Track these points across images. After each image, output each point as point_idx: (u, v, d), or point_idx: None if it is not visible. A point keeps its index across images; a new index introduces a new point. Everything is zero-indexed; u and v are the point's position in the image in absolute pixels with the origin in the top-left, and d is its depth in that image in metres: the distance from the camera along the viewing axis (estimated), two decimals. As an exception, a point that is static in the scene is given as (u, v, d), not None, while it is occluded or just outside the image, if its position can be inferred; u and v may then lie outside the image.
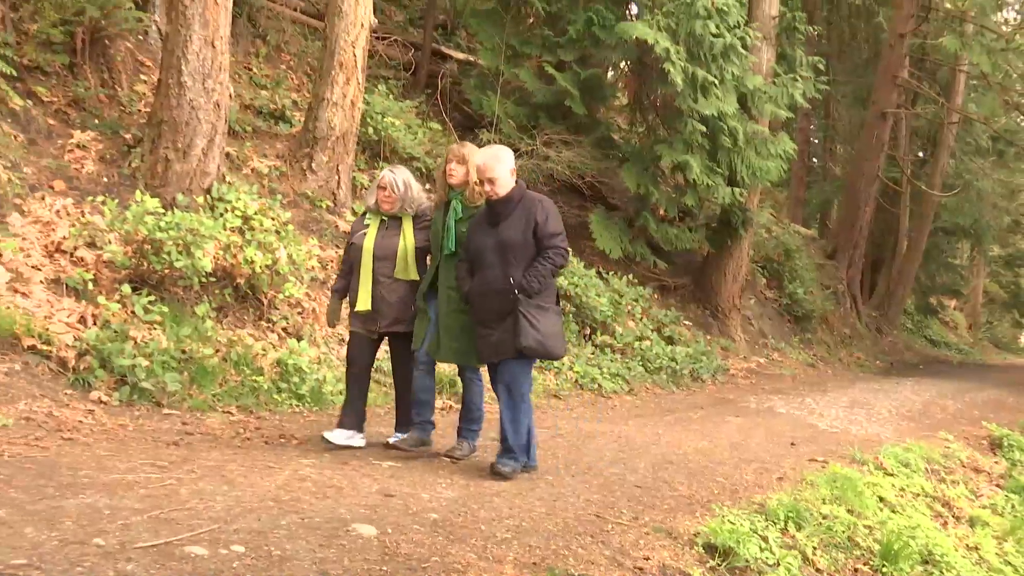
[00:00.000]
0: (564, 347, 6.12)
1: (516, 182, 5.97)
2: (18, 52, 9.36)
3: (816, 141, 32.89)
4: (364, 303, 6.34)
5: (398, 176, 6.44)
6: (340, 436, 6.28)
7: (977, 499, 8.94)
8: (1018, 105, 26.67)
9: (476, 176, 5.97)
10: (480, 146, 6.58)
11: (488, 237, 5.83)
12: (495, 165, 5.82)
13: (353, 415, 6.45)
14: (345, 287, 6.60)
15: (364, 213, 6.68)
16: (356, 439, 6.40)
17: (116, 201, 8.22)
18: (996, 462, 10.78)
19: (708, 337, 15.63)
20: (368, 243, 6.37)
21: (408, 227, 6.41)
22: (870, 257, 26.93)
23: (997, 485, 9.73)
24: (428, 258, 6.43)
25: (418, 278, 6.36)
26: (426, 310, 6.27)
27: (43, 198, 8.31)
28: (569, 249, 6.01)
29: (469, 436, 6.36)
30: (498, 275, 5.72)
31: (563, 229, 5.96)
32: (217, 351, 7.67)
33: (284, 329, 8.70)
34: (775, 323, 19.45)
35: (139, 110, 10.17)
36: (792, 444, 9.03)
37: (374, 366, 6.95)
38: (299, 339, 8.60)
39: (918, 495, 8.10)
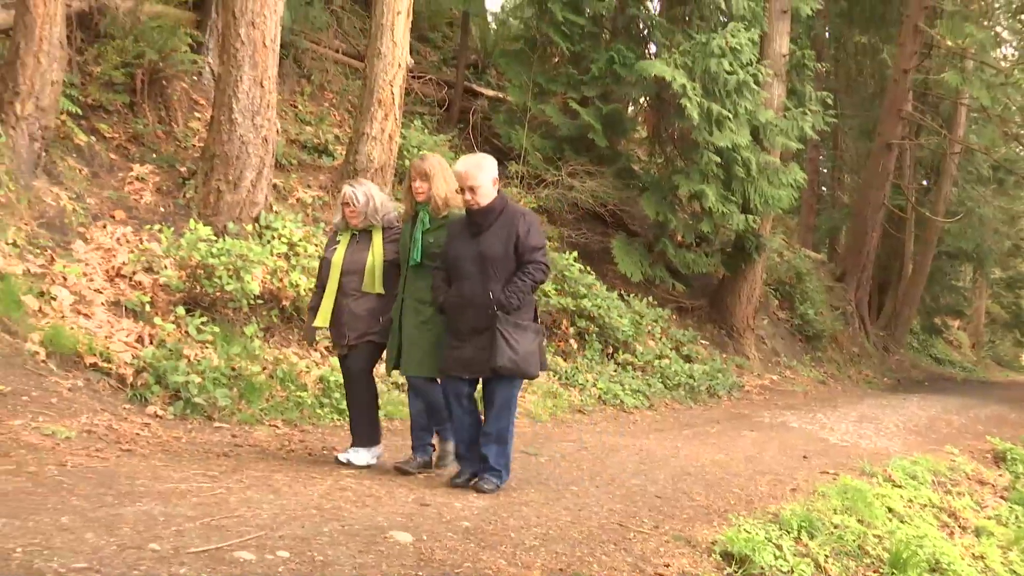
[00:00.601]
0: (539, 366, 5.49)
1: (499, 193, 5.50)
2: (83, 92, 9.52)
3: (825, 171, 32.75)
4: (322, 319, 5.96)
5: (358, 190, 6.00)
6: (360, 457, 5.98)
7: (982, 510, 8.81)
8: (1017, 136, 26.49)
9: (458, 184, 5.49)
10: (508, 177, 6.44)
11: (468, 248, 5.36)
12: (476, 173, 5.35)
13: (364, 430, 6.14)
14: (319, 305, 6.09)
15: (336, 232, 6.23)
16: (374, 452, 6.12)
17: (172, 229, 8.32)
18: (1000, 475, 10.62)
19: (724, 355, 15.54)
20: (337, 258, 5.98)
21: (378, 240, 5.97)
22: (877, 280, 26.70)
23: (1001, 497, 9.59)
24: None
25: (384, 291, 5.90)
26: (398, 324, 5.79)
27: (105, 227, 8.43)
28: (550, 264, 5.54)
29: (420, 449, 5.97)
30: (477, 288, 5.27)
31: (545, 243, 5.54)
32: (264, 368, 7.71)
33: (326, 348, 8.73)
34: (787, 342, 19.31)
35: (193, 145, 10.29)
36: (804, 457, 8.95)
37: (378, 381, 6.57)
38: (341, 357, 8.63)
39: (925, 506, 8.00)
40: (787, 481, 7.44)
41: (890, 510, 7.27)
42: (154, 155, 9.76)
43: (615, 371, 12.16)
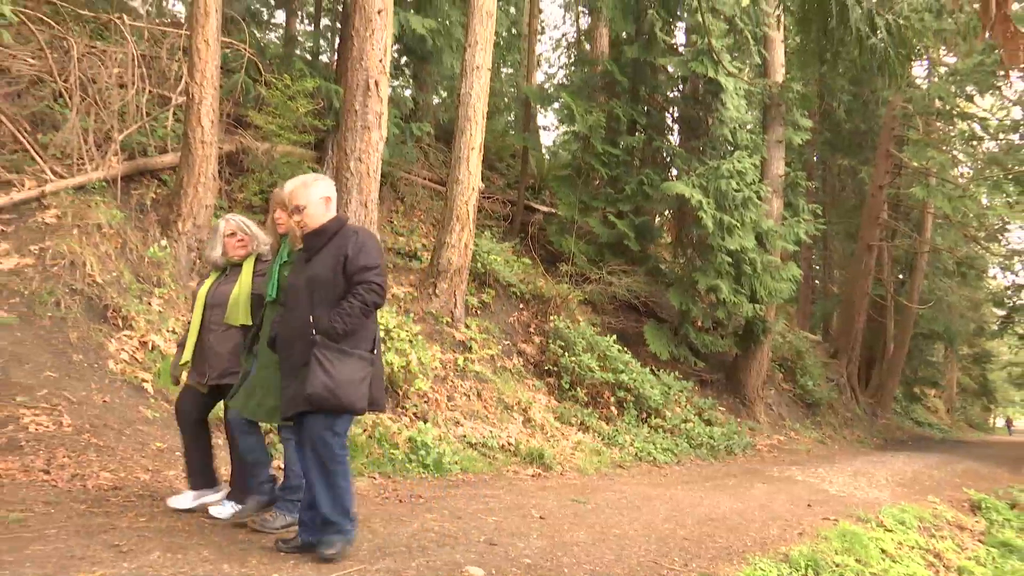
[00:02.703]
0: (366, 399, 3.90)
1: (336, 215, 4.17)
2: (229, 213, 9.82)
3: (817, 267, 32.50)
4: (185, 355, 4.71)
5: (238, 218, 4.85)
6: (185, 500, 4.67)
7: (963, 552, 8.31)
8: (975, 238, 26.25)
9: (288, 206, 4.18)
10: (559, 275, 5.84)
11: (300, 275, 4.06)
12: (302, 192, 4.07)
13: (196, 474, 4.78)
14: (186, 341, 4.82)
15: (211, 270, 4.99)
16: (209, 496, 4.76)
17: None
18: (977, 521, 10.06)
19: (738, 420, 15.16)
20: (203, 291, 4.77)
21: (248, 270, 4.71)
22: (864, 356, 26.20)
23: (979, 540, 9.06)
24: None
25: (249, 324, 4.58)
26: (248, 363, 4.47)
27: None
28: (385, 286, 3.98)
29: (284, 507, 4.44)
30: (302, 316, 3.92)
31: (379, 263, 3.98)
32: (365, 430, 7.70)
33: (414, 414, 8.71)
34: (791, 409, 18.79)
35: (312, 253, 10.50)
36: (809, 505, 8.58)
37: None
38: (425, 421, 8.59)
39: (913, 548, 7.58)
40: (795, 526, 7.13)
41: (883, 551, 6.90)
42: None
43: (648, 433, 11.92)
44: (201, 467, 4.77)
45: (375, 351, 4.03)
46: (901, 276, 29.21)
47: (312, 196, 4.07)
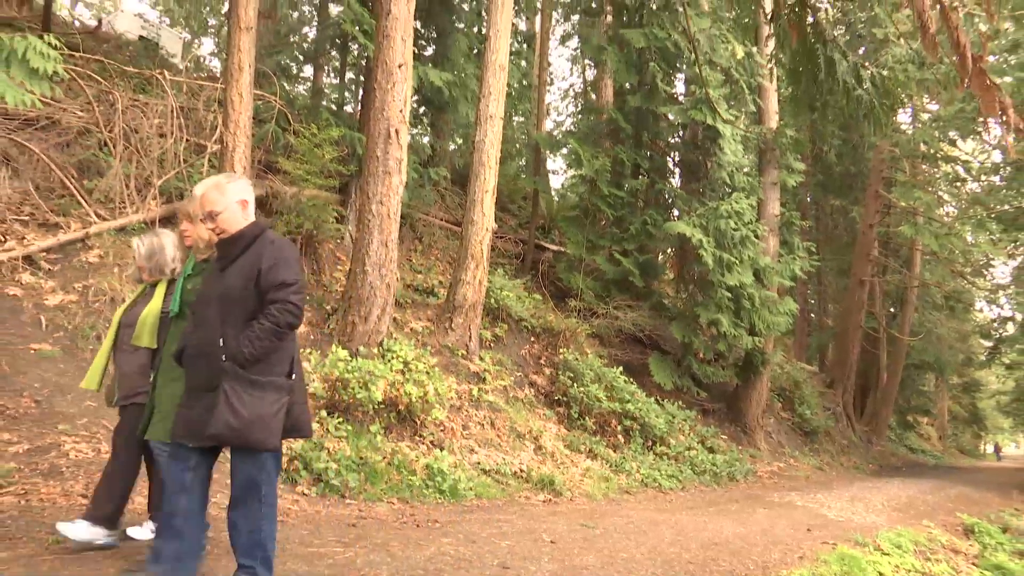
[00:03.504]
0: (278, 436, 3.26)
1: (255, 220, 3.54)
2: (258, 253, 9.87)
3: (813, 301, 32.30)
4: (89, 380, 4.27)
5: (143, 242, 4.33)
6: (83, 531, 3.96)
7: (958, 575, 8.13)
8: (961, 273, 26.11)
9: (199, 212, 3.60)
10: (568, 310, 5.79)
11: (213, 287, 3.41)
12: (216, 196, 3.45)
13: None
14: None
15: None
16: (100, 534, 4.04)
17: (319, 352, 8.45)
18: (971, 545, 9.82)
19: (739, 447, 14.96)
20: (119, 311, 4.37)
21: (160, 290, 4.25)
22: (859, 386, 25.91)
23: (973, 563, 8.83)
24: None
25: (157, 346, 4.11)
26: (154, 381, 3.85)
27: (270, 350, 8.58)
28: (303, 304, 3.34)
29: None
30: (210, 335, 3.29)
31: (297, 280, 3.33)
32: (384, 458, 7.65)
33: (431, 442, 8.65)
34: (790, 436, 18.54)
35: (336, 290, 10.55)
36: (808, 530, 8.43)
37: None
38: (441, 449, 8.53)
39: (910, 571, 7.41)
40: (795, 550, 7.00)
41: (880, 574, 6.76)
42: (308, 297, 10.02)
43: (654, 460, 11.77)
44: (110, 499, 4.09)
45: (293, 375, 3.38)
46: (892, 309, 29.04)
47: (228, 200, 3.46)
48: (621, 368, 12.74)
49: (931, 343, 27.24)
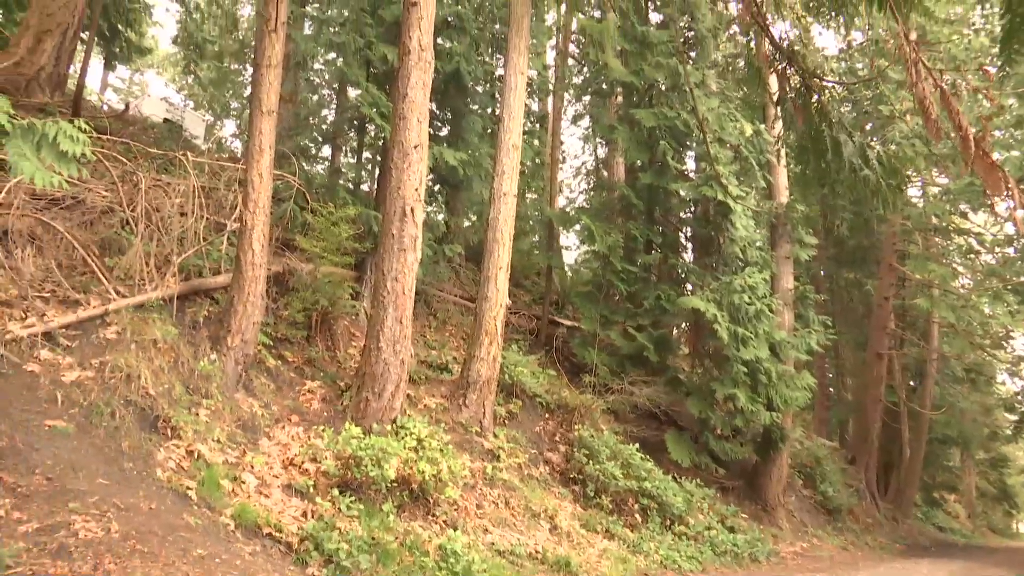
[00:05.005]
0: None
1: None
2: (275, 329, 9.98)
3: (831, 375, 31.86)
4: None
5: None
6: None
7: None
8: (981, 345, 25.70)
9: None
10: (583, 386, 5.90)
11: None
12: None
13: None
14: None
15: None
16: None
17: (332, 429, 8.40)
18: (1008, 632, 9.43)
19: (761, 527, 14.56)
20: None
21: None
22: (882, 462, 25.27)
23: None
24: None
25: None
26: None
27: (283, 427, 8.57)
28: None
29: None
30: None
31: None
32: (396, 538, 7.50)
33: (444, 521, 8.49)
34: (812, 515, 18.03)
35: (350, 366, 10.55)
36: (835, 615, 8.13)
37: None
38: (455, 529, 8.36)
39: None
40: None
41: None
42: (322, 374, 10.03)
43: (673, 540, 11.46)
44: None
45: None
46: (912, 383, 28.57)
47: None
48: (637, 445, 12.55)
49: (954, 417, 26.50)
